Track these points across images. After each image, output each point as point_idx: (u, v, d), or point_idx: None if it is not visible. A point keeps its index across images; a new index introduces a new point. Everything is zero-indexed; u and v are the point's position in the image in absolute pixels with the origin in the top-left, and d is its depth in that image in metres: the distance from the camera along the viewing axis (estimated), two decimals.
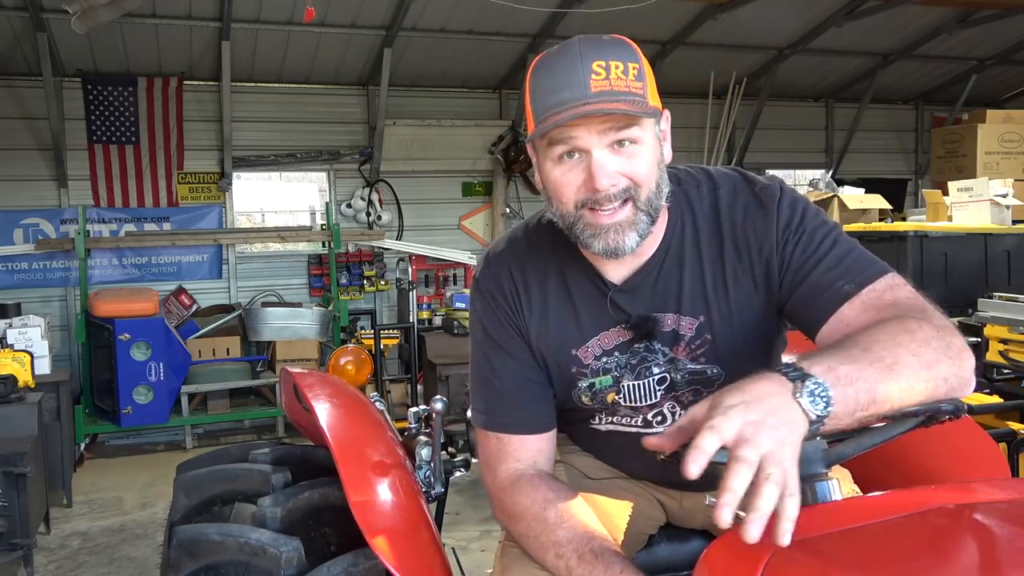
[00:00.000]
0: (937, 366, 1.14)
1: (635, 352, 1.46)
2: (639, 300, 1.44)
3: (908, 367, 1.12)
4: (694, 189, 1.46)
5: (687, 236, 1.44)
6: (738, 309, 1.43)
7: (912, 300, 1.29)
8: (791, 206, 1.40)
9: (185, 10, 6.55)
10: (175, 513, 1.72)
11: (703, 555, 1.06)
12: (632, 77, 1.28)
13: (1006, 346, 4.05)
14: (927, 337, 1.17)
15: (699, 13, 7.26)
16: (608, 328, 1.46)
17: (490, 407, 1.49)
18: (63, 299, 7.23)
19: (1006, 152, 7.58)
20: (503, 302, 1.49)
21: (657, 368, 1.47)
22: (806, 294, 1.36)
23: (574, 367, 1.48)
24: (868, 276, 1.32)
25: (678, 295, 1.44)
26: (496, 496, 1.46)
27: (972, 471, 1.58)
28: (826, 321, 1.32)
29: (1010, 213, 5.23)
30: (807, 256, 1.36)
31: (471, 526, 4.64)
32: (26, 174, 7.10)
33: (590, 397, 1.50)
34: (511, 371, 1.48)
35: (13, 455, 3.88)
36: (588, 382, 1.48)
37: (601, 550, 1.29)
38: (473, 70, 8.03)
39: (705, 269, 1.43)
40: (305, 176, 10.78)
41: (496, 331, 1.49)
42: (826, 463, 1.20)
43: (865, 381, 1.08)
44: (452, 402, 5.94)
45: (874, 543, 1.02)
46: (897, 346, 1.14)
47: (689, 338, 1.45)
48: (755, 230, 1.40)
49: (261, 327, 6.89)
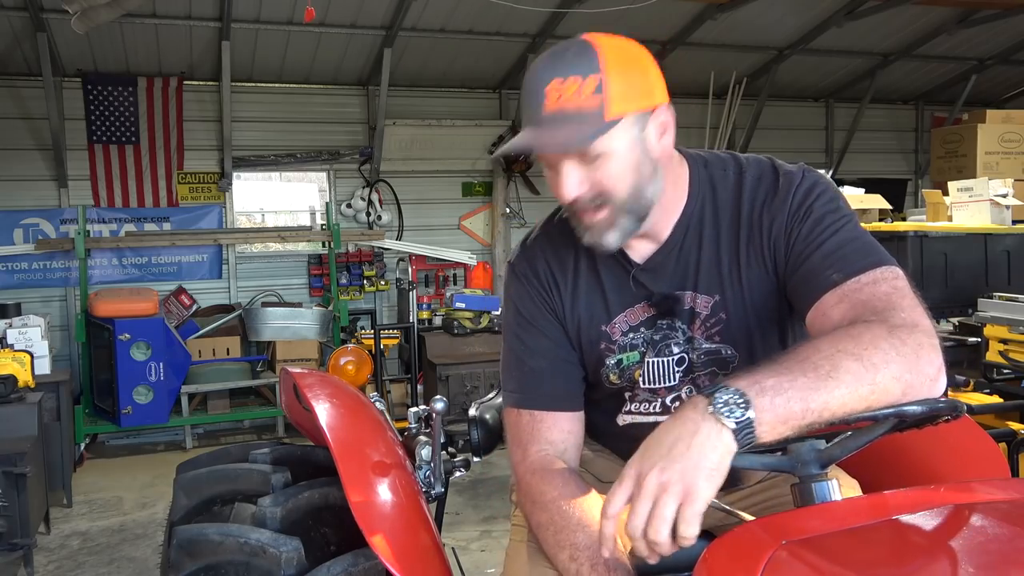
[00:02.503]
0: (885, 368, 1.13)
1: (658, 328, 1.51)
2: (661, 278, 1.49)
3: (849, 372, 1.11)
4: (720, 172, 1.50)
5: (706, 216, 1.48)
6: (750, 290, 1.46)
7: (886, 297, 1.27)
8: (808, 191, 1.42)
9: (185, 10, 6.54)
10: (175, 513, 1.72)
11: (703, 555, 1.06)
12: (589, 92, 1.29)
13: (1006, 346, 4.05)
14: (875, 338, 1.16)
15: (699, 13, 7.26)
16: (633, 305, 1.51)
17: (523, 385, 1.52)
18: (63, 299, 7.23)
19: (1006, 152, 7.58)
20: (537, 283, 1.54)
21: (676, 347, 1.51)
22: (801, 278, 1.38)
23: (603, 343, 1.53)
24: (859, 267, 1.32)
25: (695, 273, 1.48)
26: (523, 478, 1.47)
27: (972, 471, 1.57)
28: (811, 308, 1.34)
29: (1010, 213, 5.22)
30: (809, 240, 1.38)
31: (471, 526, 4.64)
32: (26, 174, 7.10)
33: (618, 375, 1.54)
34: (545, 349, 1.53)
35: (13, 455, 3.88)
36: (616, 358, 1.53)
37: (615, 565, 1.29)
38: (473, 70, 8.03)
39: (722, 249, 1.47)
40: (305, 176, 10.78)
41: (530, 311, 1.54)
42: (821, 464, 1.20)
43: (797, 390, 1.09)
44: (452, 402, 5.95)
45: (874, 543, 1.02)
46: (836, 352, 1.14)
47: (704, 316, 1.48)
48: (769, 213, 1.43)
49: (261, 327, 6.89)
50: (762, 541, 1.00)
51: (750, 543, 1.02)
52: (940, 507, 1.10)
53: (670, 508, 1.04)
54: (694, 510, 1.04)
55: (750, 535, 1.04)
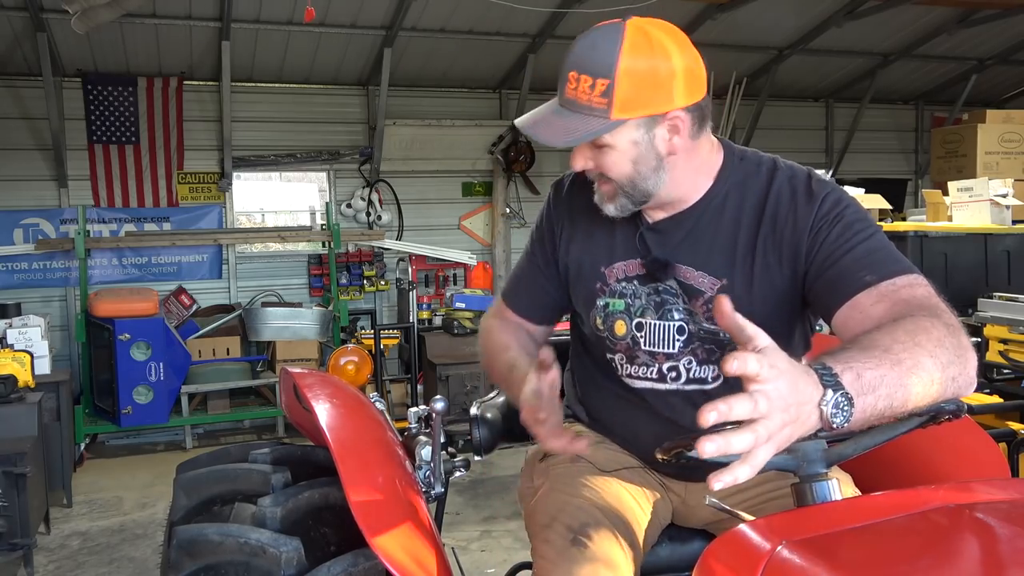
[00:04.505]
0: (949, 367, 1.16)
1: (657, 291, 1.59)
2: (663, 243, 1.59)
3: (925, 370, 1.13)
4: (753, 167, 1.59)
5: (729, 203, 1.56)
6: (759, 281, 1.52)
7: (927, 299, 1.33)
8: (836, 201, 1.50)
9: (185, 10, 6.54)
10: (175, 513, 1.71)
11: (703, 555, 1.06)
12: (598, 93, 1.41)
13: (1006, 346, 4.05)
14: (941, 337, 1.18)
15: (699, 13, 7.25)
16: (633, 258, 1.62)
17: (509, 286, 1.86)
18: (63, 299, 7.22)
19: (1006, 152, 7.58)
20: (554, 209, 1.75)
21: (677, 313, 1.58)
22: (831, 278, 1.42)
23: (598, 282, 1.66)
24: (891, 271, 1.38)
25: (707, 253, 1.55)
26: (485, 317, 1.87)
27: (972, 471, 1.57)
28: (842, 305, 1.38)
29: (1010, 213, 5.22)
30: (840, 243, 1.44)
31: (471, 526, 4.65)
32: (26, 174, 7.09)
33: (603, 319, 1.65)
34: (532, 264, 1.79)
35: (13, 455, 3.88)
36: (604, 301, 1.65)
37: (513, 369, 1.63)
38: (473, 70, 8.03)
39: (740, 237, 1.54)
40: (305, 176, 10.77)
41: (539, 229, 1.78)
42: (826, 463, 1.20)
43: (886, 387, 1.09)
44: (452, 402, 5.95)
45: (874, 543, 1.02)
46: (916, 347, 1.15)
47: (708, 296, 1.54)
48: (794, 213, 1.50)
49: (261, 327, 6.89)
50: (762, 541, 1.00)
51: (750, 543, 1.02)
52: (940, 507, 1.10)
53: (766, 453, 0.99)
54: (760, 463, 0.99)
55: (750, 535, 1.04)
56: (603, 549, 1.46)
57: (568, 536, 1.49)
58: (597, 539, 1.47)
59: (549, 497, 1.62)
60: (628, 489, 1.62)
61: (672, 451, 1.23)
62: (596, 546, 1.46)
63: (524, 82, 7.87)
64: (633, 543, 1.52)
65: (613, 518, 1.53)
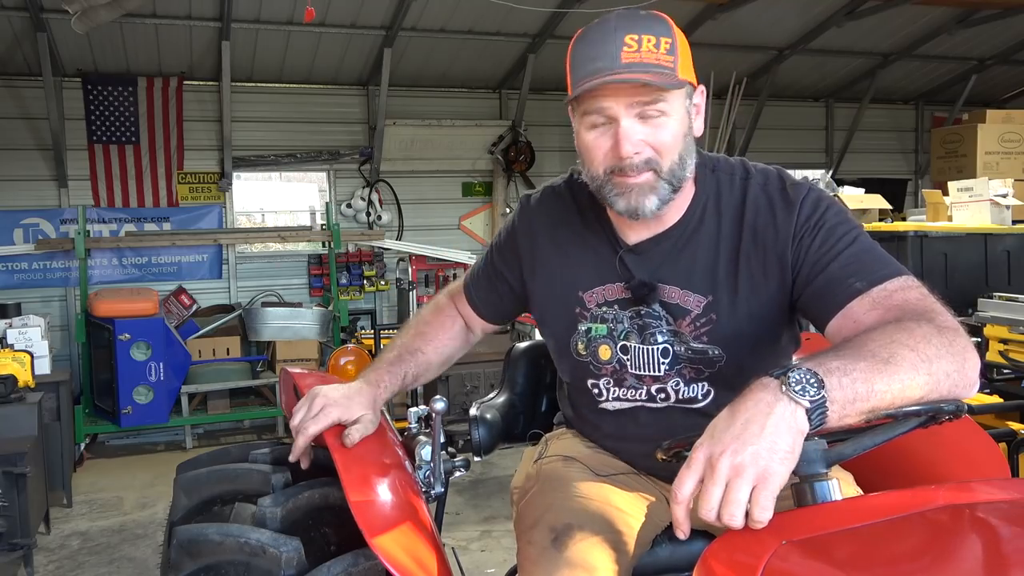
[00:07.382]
0: (937, 361, 1.15)
1: (640, 315, 1.55)
2: (645, 265, 1.54)
3: (906, 360, 1.12)
4: (727, 176, 1.54)
5: (708, 218, 1.51)
6: (745, 295, 1.48)
7: (920, 302, 1.30)
8: (814, 204, 1.45)
9: (185, 10, 6.55)
10: (175, 513, 1.71)
11: (703, 555, 1.06)
12: (664, 51, 1.37)
13: (1006, 346, 4.04)
14: (926, 334, 1.17)
15: (699, 13, 7.25)
16: (613, 282, 1.57)
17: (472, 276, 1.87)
18: (63, 299, 7.23)
19: (1006, 152, 7.58)
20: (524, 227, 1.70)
21: (661, 336, 1.54)
22: (820, 287, 1.39)
23: (578, 308, 1.60)
24: (881, 275, 1.34)
25: (688, 271, 1.51)
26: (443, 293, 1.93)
27: (972, 471, 1.57)
28: (835, 315, 1.35)
29: (1010, 213, 5.22)
30: (825, 251, 1.40)
31: (471, 526, 4.64)
32: (26, 174, 7.10)
33: (585, 344, 1.60)
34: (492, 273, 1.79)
35: (13, 455, 3.88)
36: (586, 327, 1.60)
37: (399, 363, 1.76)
38: (473, 70, 8.03)
39: (720, 252, 1.49)
40: (305, 176, 10.78)
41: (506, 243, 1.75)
42: (826, 463, 1.20)
43: (861, 372, 1.09)
44: (452, 402, 5.96)
45: (874, 543, 1.02)
46: (892, 343, 1.15)
47: (695, 315, 1.50)
48: (774, 222, 1.46)
49: (261, 327, 6.89)
50: (762, 541, 1.00)
51: (750, 543, 1.02)
52: (940, 507, 1.10)
53: (744, 492, 1.00)
54: (768, 494, 1.00)
55: (750, 535, 1.04)
56: (584, 552, 1.42)
57: (550, 537, 1.46)
58: (580, 541, 1.43)
59: (537, 498, 1.60)
60: (621, 493, 1.59)
61: (672, 451, 1.23)
62: (577, 548, 1.42)
63: (524, 82, 7.88)
64: (619, 547, 1.47)
65: (600, 521, 1.49)
